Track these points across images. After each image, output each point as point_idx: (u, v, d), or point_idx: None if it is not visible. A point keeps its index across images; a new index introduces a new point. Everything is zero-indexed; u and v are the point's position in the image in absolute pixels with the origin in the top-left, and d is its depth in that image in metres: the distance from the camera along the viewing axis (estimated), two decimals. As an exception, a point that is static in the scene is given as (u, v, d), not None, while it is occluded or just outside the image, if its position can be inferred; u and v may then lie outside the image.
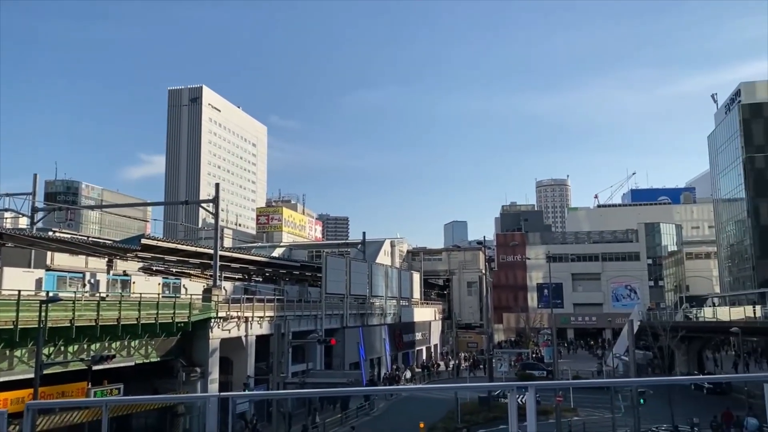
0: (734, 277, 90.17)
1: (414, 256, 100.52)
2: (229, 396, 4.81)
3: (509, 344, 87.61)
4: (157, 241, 41.28)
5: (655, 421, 36.39)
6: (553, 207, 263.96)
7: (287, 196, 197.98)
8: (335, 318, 52.30)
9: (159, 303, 31.12)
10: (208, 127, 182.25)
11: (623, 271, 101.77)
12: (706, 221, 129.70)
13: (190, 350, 34.54)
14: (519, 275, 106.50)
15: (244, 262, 52.97)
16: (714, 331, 59.32)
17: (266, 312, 41.07)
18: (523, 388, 6.07)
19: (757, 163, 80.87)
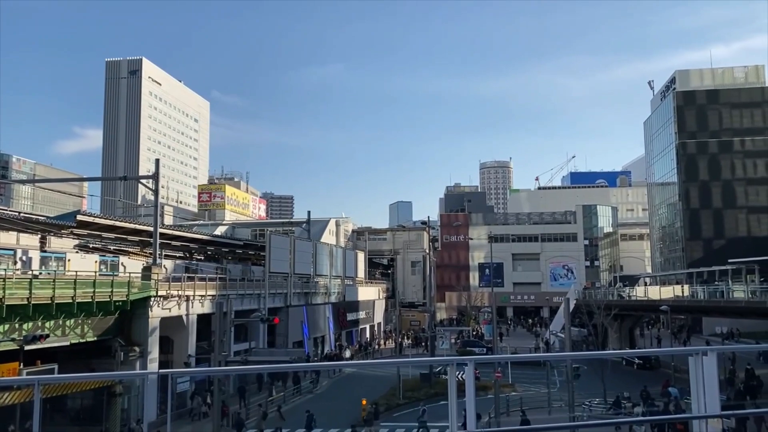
0: (665, 257, 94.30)
1: (359, 236, 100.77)
2: (169, 373, 4.76)
3: (451, 322, 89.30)
4: (94, 218, 39.92)
5: (588, 395, 37.97)
6: (496, 188, 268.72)
7: (230, 174, 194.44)
8: (279, 297, 52.05)
9: (96, 281, 30.22)
10: (148, 101, 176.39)
11: (561, 252, 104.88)
12: (640, 204, 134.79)
13: (128, 329, 33.77)
14: (462, 255, 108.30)
15: (186, 240, 51.93)
16: (645, 309, 62.08)
17: (208, 291, 40.50)
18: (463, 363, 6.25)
19: (688, 149, 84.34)
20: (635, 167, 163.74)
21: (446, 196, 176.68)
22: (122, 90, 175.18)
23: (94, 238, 43.57)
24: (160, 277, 35.52)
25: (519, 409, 36.49)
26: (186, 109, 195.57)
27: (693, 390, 6.37)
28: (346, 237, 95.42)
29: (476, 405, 5.80)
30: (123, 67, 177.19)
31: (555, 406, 35.65)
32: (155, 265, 35.74)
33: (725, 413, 6.89)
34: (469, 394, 6.14)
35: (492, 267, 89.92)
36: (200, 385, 38.60)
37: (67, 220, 36.41)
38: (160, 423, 31.42)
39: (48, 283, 27.56)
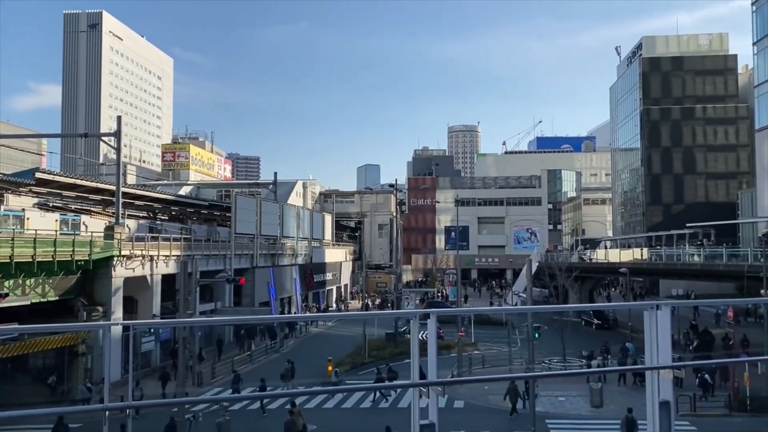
0: (626, 222, 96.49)
1: (326, 198, 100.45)
2: (131, 324, 4.75)
3: (417, 284, 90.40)
4: (54, 176, 38.85)
5: (549, 353, 39.13)
6: (463, 152, 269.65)
7: (195, 133, 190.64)
8: (245, 258, 51.85)
9: (57, 240, 29.61)
10: (109, 57, 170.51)
11: (525, 216, 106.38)
12: (603, 169, 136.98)
13: (91, 289, 33.34)
14: (428, 218, 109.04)
15: (149, 199, 51.04)
16: (605, 271, 63.74)
17: (172, 251, 40.08)
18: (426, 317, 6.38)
19: (652, 115, 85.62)
20: (600, 133, 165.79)
21: (414, 159, 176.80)
22: (82, 44, 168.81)
23: (54, 196, 42.51)
24: (123, 237, 34.98)
25: (481, 367, 37.49)
26: (149, 65, 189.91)
27: (647, 342, 6.62)
28: (313, 199, 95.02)
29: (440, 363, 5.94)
30: (82, 20, 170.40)
31: (516, 364, 36.66)
32: (118, 225, 35.15)
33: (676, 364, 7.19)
34: (431, 346, 6.30)
35: (458, 230, 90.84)
36: (165, 345, 38.55)
37: (26, 177, 35.39)
38: (124, 383, 31.37)
39: (6, 242, 26.91)
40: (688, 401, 28.09)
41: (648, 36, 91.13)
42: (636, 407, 21.90)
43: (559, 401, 30.36)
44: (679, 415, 25.88)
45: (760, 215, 50.86)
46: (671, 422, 6.13)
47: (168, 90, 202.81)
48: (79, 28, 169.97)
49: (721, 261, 42.09)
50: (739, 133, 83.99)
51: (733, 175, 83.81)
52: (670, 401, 6.20)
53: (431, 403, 5.76)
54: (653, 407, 6.37)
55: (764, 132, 47.62)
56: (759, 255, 36.98)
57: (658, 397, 6.29)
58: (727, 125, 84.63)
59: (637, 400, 22.69)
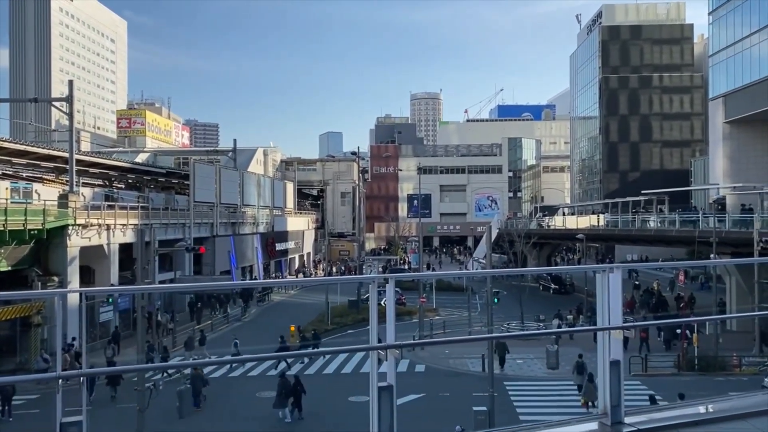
0: (584, 189, 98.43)
1: (288, 166, 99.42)
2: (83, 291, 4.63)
3: (379, 252, 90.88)
4: (3, 142, 37.46)
5: (507, 318, 40.03)
6: (426, 120, 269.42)
7: (151, 99, 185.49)
8: (205, 227, 51.19)
9: (7, 209, 28.68)
10: (58, 18, 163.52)
11: (486, 183, 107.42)
12: (563, 137, 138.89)
13: (45, 259, 32.55)
14: (391, 186, 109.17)
15: (104, 167, 49.69)
16: (562, 237, 65.09)
17: (130, 219, 39.30)
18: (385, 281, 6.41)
19: (611, 84, 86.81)
20: (560, 101, 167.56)
21: (377, 127, 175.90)
22: (29, 5, 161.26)
23: (3, 164, 40.99)
24: (78, 206, 34.09)
25: (442, 332, 38.15)
26: (101, 28, 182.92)
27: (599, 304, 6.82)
28: (274, 167, 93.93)
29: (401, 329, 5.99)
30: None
31: (475, 329, 37.42)
32: (72, 193, 34.20)
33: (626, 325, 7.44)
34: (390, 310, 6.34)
35: (420, 198, 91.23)
36: (124, 314, 38.05)
37: (-28, 144, 34.02)
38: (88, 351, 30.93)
39: (-47, 211, 25.98)
40: (640, 362, 29.20)
41: (608, 4, 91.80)
42: (590, 367, 22.74)
43: (517, 363, 31.20)
44: (631, 375, 26.91)
45: (711, 182, 52.44)
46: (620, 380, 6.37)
47: (122, 54, 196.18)
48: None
49: (674, 227, 43.38)
50: (693, 101, 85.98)
51: (687, 143, 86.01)
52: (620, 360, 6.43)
53: (389, 366, 5.82)
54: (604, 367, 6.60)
55: (717, 101, 48.81)
56: (710, 221, 38.25)
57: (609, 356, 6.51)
58: (682, 94, 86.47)
59: (592, 361, 23.50)
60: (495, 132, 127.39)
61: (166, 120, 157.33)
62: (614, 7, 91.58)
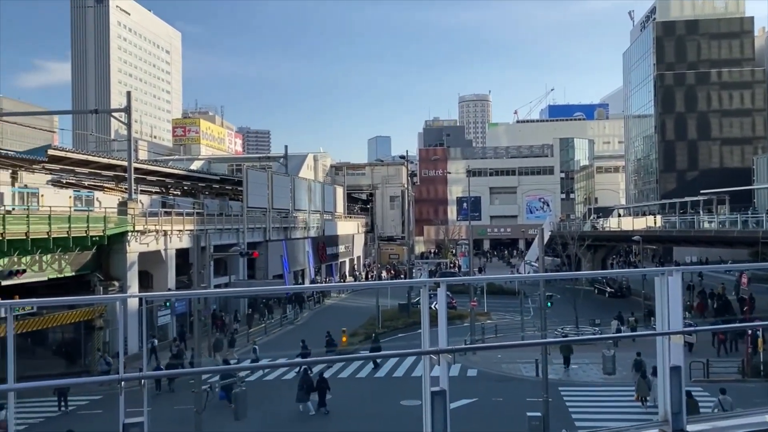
0: (639, 189, 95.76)
1: (337, 171, 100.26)
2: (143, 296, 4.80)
3: (429, 256, 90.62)
4: (66, 152, 39.04)
5: (561, 322, 39.24)
6: (474, 122, 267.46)
7: (205, 108, 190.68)
8: (258, 231, 52.12)
9: (71, 216, 29.90)
10: (117, 32, 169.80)
11: (538, 185, 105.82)
12: (616, 137, 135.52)
13: (107, 264, 33.75)
14: (440, 189, 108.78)
15: (161, 174, 51.19)
16: (617, 239, 63.48)
17: (186, 225, 40.36)
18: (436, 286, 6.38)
19: (666, 81, 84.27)
20: (613, 99, 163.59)
21: (425, 130, 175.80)
22: (89, 20, 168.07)
23: (67, 173, 42.80)
24: (136, 212, 35.24)
25: (494, 336, 37.71)
26: (157, 40, 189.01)
27: (657, 308, 6.61)
28: (324, 172, 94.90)
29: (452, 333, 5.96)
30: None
31: (528, 333, 36.84)
32: (131, 200, 35.40)
33: (687, 330, 7.18)
34: (441, 314, 6.31)
35: (470, 201, 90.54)
36: (181, 318, 39.03)
37: (38, 154, 35.56)
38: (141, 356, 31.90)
39: (22, 219, 27.22)
40: (701, 367, 28.15)
41: (662, 0, 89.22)
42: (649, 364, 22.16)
43: (572, 368, 30.55)
44: (691, 381, 25.98)
45: (775, 180, 50.28)
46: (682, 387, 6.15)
47: (177, 64, 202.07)
48: (86, 3, 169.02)
49: (735, 227, 41.74)
50: (755, 97, 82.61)
51: (748, 141, 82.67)
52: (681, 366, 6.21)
53: (442, 370, 5.80)
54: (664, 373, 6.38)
55: (781, 96, 46.75)
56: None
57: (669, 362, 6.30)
58: (742, 89, 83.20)
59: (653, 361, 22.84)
60: (546, 132, 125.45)
61: (220, 128, 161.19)
62: (669, 2, 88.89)
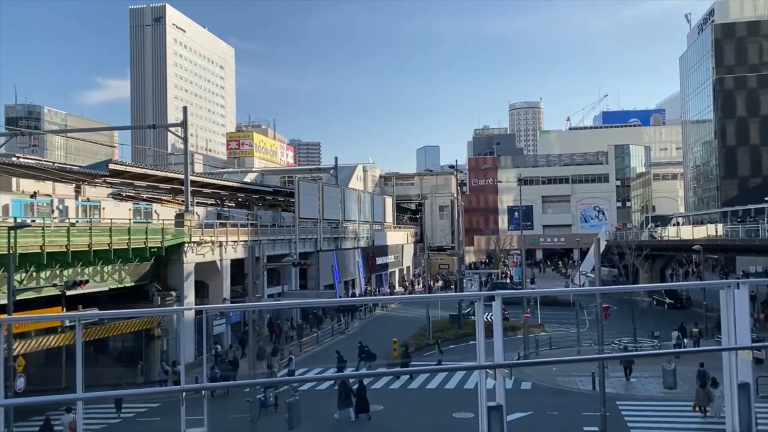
0: (699, 197, 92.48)
1: (386, 181, 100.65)
2: (204, 308, 4.92)
3: (480, 266, 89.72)
4: (126, 166, 40.52)
5: (618, 334, 38.13)
6: (525, 130, 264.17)
7: (257, 121, 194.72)
8: (309, 242, 52.75)
9: (131, 228, 30.93)
10: (173, 49, 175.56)
11: (592, 193, 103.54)
12: (674, 143, 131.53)
13: (164, 275, 34.70)
14: (490, 198, 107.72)
15: (216, 187, 52.52)
16: (677, 249, 61.37)
17: (240, 236, 41.19)
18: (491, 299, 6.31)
19: (726, 84, 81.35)
20: (670, 105, 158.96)
21: (474, 139, 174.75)
22: (147, 38, 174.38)
23: (126, 186, 44.35)
24: (193, 224, 36.16)
25: (548, 349, 36.94)
26: (211, 56, 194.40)
27: (723, 323, 6.35)
28: (373, 182, 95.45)
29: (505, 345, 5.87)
30: (147, 14, 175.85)
31: (584, 346, 35.96)
32: (188, 212, 36.36)
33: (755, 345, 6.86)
34: (497, 329, 6.22)
35: (521, 210, 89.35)
36: (236, 327, 39.73)
37: (100, 169, 36.99)
38: (198, 364, 32.60)
39: (85, 231, 28.30)
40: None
41: (720, 1, 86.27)
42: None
43: (631, 382, 29.64)
44: (759, 398, 24.80)
45: None
46: (751, 404, 5.88)
47: (230, 79, 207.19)
48: (144, 22, 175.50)
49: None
50: (823, 99, 78.90)
51: (816, 145, 78.93)
52: (750, 383, 5.95)
53: (498, 385, 5.73)
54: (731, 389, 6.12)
55: None
56: None
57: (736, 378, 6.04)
58: (809, 92, 79.60)
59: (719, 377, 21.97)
60: (600, 139, 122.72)
61: (272, 141, 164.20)
62: (728, 3, 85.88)
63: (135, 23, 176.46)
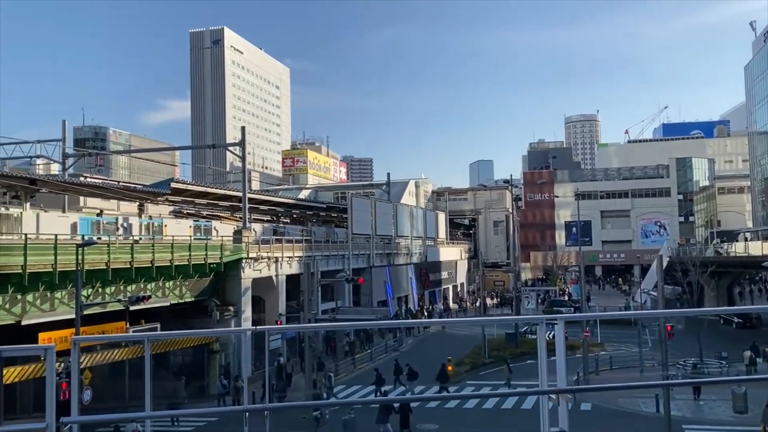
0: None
1: (439, 196, 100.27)
2: (266, 329, 4.94)
3: (536, 283, 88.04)
4: (187, 185, 41.73)
5: (683, 354, 36.61)
6: (582, 143, 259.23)
7: (311, 139, 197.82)
8: (362, 258, 52.94)
9: (191, 245, 31.75)
10: (231, 70, 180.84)
11: (653, 208, 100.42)
12: (740, 155, 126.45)
13: (223, 290, 35.40)
14: (546, 213, 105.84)
15: (272, 204, 53.44)
16: (745, 266, 58.74)
17: (295, 252, 41.71)
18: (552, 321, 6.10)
19: (796, 94, 77.90)
20: (735, 116, 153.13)
21: (529, 153, 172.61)
22: (206, 60, 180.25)
23: (187, 204, 45.61)
24: (250, 240, 36.85)
25: (608, 369, 35.81)
26: (267, 76, 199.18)
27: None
28: (426, 198, 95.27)
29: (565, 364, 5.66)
30: (206, 37, 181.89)
31: (647, 366, 34.67)
32: (245, 229, 37.09)
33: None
34: (560, 353, 6.01)
35: (579, 225, 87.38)
36: (291, 342, 40.09)
37: (162, 187, 38.17)
38: (256, 378, 33.01)
39: (148, 248, 29.21)
40: None
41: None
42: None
43: (698, 405, 28.35)
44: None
45: None
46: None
47: (285, 98, 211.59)
48: (203, 45, 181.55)
49: None
50: None
51: None
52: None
53: (561, 411, 5.51)
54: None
55: None
56: None
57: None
58: None
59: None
60: (660, 152, 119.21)
61: (325, 157, 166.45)
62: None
63: (195, 46, 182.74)
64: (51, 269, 23.89)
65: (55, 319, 25.43)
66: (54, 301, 25.67)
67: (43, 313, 25.15)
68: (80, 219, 30.87)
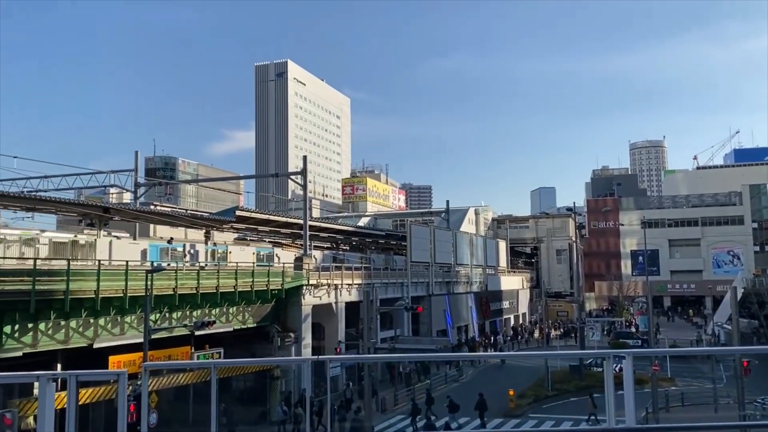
0: None
1: (499, 224, 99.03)
2: (327, 359, 4.98)
3: (601, 313, 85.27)
4: (250, 213, 42.82)
5: (761, 392, 34.57)
6: (648, 170, 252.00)
7: (370, 167, 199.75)
8: (421, 286, 52.67)
9: (254, 272, 32.41)
10: (294, 101, 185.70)
11: (725, 236, 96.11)
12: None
13: (284, 316, 35.86)
14: (611, 242, 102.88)
15: (332, 231, 54.09)
16: (829, 298, 55.22)
17: (354, 279, 41.93)
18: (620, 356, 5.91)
19: None
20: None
21: (593, 180, 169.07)
22: (270, 92, 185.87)
23: (251, 231, 46.75)
24: (310, 267, 37.32)
25: (680, 405, 34.16)
26: (328, 106, 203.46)
27: None
28: (486, 226, 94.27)
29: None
30: (270, 70, 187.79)
31: (722, 403, 32.86)
32: (306, 256, 37.62)
33: None
34: (628, 389, 5.80)
35: (646, 254, 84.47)
36: (350, 370, 40.08)
37: (227, 215, 39.29)
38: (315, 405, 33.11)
39: (213, 274, 30.00)
40: None
41: None
42: None
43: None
44: None
45: None
46: None
47: (346, 127, 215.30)
48: (268, 78, 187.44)
49: None
50: None
51: None
52: None
53: (631, 451, 5.30)
54: None
55: None
56: None
57: None
58: None
59: None
60: (732, 179, 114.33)
61: (384, 185, 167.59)
62: None
63: (260, 79, 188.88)
64: (122, 294, 24.82)
65: (124, 342, 26.33)
66: (124, 326, 26.60)
67: (113, 337, 26.08)
68: (150, 245, 32.07)
